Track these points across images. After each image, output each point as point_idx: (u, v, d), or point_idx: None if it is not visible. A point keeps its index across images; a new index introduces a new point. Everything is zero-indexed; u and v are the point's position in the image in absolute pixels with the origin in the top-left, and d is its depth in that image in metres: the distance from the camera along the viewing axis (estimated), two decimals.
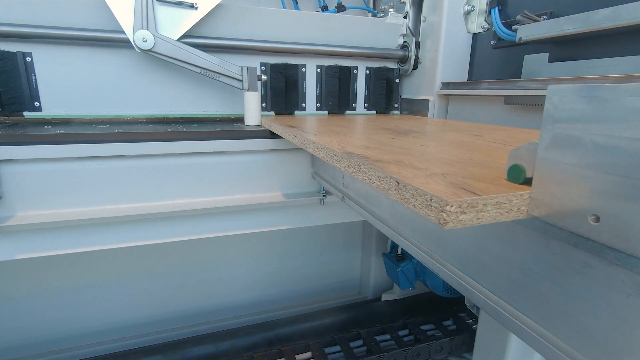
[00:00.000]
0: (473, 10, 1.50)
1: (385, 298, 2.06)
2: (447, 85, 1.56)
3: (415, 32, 1.68)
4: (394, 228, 0.87)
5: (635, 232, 0.33)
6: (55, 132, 1.05)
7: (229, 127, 1.28)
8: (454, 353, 1.74)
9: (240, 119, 1.47)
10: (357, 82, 1.69)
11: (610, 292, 0.39)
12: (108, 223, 1.16)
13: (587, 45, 1.13)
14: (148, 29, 1.23)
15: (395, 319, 1.86)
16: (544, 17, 1.21)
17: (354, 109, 1.72)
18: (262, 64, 1.51)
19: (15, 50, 1.21)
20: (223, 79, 1.34)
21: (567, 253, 0.44)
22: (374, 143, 0.74)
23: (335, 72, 1.63)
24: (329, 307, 2.00)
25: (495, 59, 1.47)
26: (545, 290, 0.47)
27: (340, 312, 1.93)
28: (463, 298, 1.79)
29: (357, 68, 1.67)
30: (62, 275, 1.67)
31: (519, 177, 0.43)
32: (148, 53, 1.26)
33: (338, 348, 1.68)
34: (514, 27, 1.25)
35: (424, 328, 1.82)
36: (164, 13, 1.27)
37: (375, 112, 1.76)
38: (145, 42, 1.23)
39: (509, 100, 1.26)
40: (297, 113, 1.62)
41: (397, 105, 1.79)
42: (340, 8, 1.83)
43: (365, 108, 1.74)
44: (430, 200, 0.38)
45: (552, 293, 0.46)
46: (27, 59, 1.23)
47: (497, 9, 1.37)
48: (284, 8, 1.82)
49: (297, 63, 1.56)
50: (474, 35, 1.56)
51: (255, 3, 1.64)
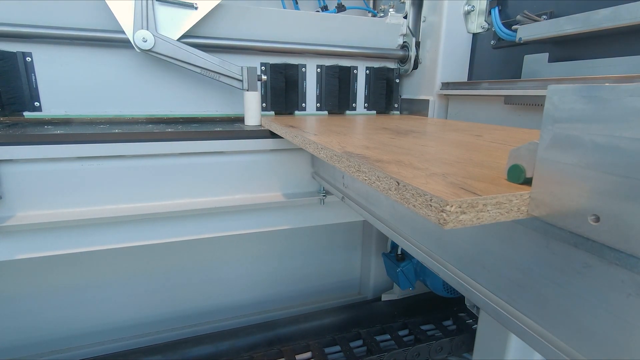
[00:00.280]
0: (473, 10, 1.50)
1: (385, 298, 2.06)
2: (447, 85, 1.56)
3: (415, 32, 1.68)
4: (394, 228, 0.87)
5: (635, 232, 0.33)
6: (55, 132, 1.05)
7: (229, 127, 1.28)
8: (454, 353, 1.74)
9: (240, 119, 1.47)
10: (357, 82, 1.69)
11: (610, 292, 0.39)
12: (108, 223, 1.16)
13: (587, 45, 1.13)
14: (148, 29, 1.23)
15: (395, 319, 1.86)
16: (544, 17, 1.21)
17: (354, 109, 1.72)
18: (262, 64, 1.51)
19: (15, 50, 1.21)
20: (223, 79, 1.34)
21: (567, 253, 0.44)
22: (374, 143, 0.74)
23: (335, 72, 1.63)
24: (329, 307, 2.00)
25: (495, 59, 1.47)
26: (545, 290, 0.47)
27: (340, 312, 1.93)
28: (463, 298, 1.79)
29: (357, 68, 1.67)
30: (62, 275, 1.67)
31: (519, 177, 0.43)
32: (148, 53, 1.26)
33: (338, 348, 1.68)
34: (514, 27, 1.25)
35: (424, 328, 1.82)
36: (164, 13, 1.27)
37: (375, 112, 1.76)
38: (145, 42, 1.23)
39: (509, 100, 1.26)
40: (297, 113, 1.62)
41: (397, 105, 1.79)
42: (340, 8, 1.83)
43: (365, 108, 1.74)
44: (430, 200, 0.38)
45: (552, 293, 0.46)
46: (27, 59, 1.23)
47: (497, 9, 1.37)
48: (284, 8, 1.82)
49: (297, 63, 1.56)
50: (474, 35, 1.56)
51: (255, 3, 1.64)
